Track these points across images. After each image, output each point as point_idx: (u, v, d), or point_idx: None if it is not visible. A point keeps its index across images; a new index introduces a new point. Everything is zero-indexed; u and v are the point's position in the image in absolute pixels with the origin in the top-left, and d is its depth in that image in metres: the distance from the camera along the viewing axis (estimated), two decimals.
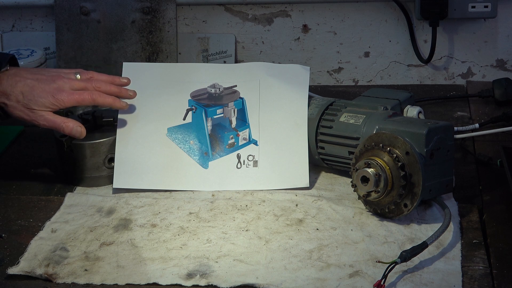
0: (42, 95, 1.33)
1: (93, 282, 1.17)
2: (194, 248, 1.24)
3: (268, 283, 1.14)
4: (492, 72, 1.81)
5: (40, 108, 1.33)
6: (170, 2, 1.83)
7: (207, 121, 1.45)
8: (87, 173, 1.44)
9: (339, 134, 1.38)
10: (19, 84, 1.32)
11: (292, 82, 1.47)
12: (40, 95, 1.33)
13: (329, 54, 1.85)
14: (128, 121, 1.44)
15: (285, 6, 1.82)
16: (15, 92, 1.31)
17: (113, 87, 1.41)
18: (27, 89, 1.32)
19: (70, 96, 1.35)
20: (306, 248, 1.22)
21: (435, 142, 1.26)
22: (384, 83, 1.85)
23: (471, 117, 1.64)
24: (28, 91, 1.32)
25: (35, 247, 1.26)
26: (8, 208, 1.39)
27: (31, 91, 1.33)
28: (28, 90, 1.32)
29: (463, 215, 1.29)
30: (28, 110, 1.33)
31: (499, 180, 1.36)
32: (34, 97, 1.32)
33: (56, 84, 1.35)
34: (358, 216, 1.29)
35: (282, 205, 1.34)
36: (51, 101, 1.33)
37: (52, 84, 1.35)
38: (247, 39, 1.86)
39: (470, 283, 1.13)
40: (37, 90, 1.33)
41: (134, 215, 1.34)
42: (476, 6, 1.73)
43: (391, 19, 1.80)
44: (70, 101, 1.35)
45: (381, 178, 1.24)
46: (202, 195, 1.39)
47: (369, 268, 1.16)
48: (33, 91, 1.33)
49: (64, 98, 1.34)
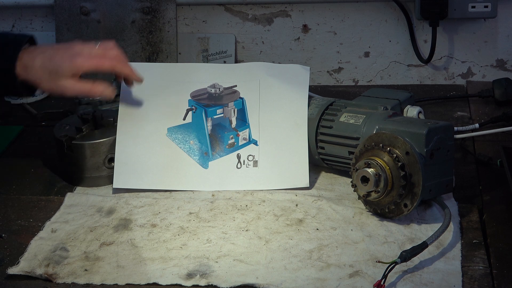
0: (61, 62, 1.31)
1: (93, 282, 1.17)
2: (194, 248, 1.24)
3: (268, 283, 1.14)
4: (492, 72, 1.81)
5: (62, 76, 1.31)
6: (170, 2, 1.83)
7: (207, 121, 1.45)
8: (87, 173, 1.44)
9: (339, 134, 1.38)
10: (39, 57, 1.31)
11: (292, 82, 1.47)
12: (59, 62, 1.31)
13: (329, 54, 1.85)
14: (128, 121, 1.44)
15: (285, 6, 1.82)
16: (36, 65, 1.31)
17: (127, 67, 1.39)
18: (46, 59, 1.31)
19: (89, 60, 1.33)
20: (306, 248, 1.22)
21: (435, 142, 1.26)
22: (384, 83, 1.85)
23: (471, 117, 1.64)
24: (48, 61, 1.31)
25: (35, 247, 1.26)
26: (8, 208, 1.39)
27: (50, 60, 1.31)
28: (47, 60, 1.31)
29: (463, 215, 1.29)
30: (52, 81, 1.31)
31: (499, 180, 1.36)
32: (54, 66, 1.31)
33: (74, 50, 1.34)
34: (358, 216, 1.29)
35: (282, 205, 1.34)
36: (70, 66, 1.31)
37: (70, 50, 1.34)
38: (247, 39, 1.86)
39: (470, 283, 1.13)
40: (55, 58, 1.32)
41: (134, 215, 1.34)
42: (476, 6, 1.73)
43: (391, 19, 1.80)
44: (89, 65, 1.33)
45: (381, 178, 1.24)
46: (202, 195, 1.39)
47: (369, 268, 1.16)
48: (52, 60, 1.32)
49: (83, 62, 1.32)
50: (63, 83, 1.32)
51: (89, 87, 1.34)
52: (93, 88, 1.34)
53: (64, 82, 1.32)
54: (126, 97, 1.46)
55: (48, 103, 1.82)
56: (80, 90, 1.34)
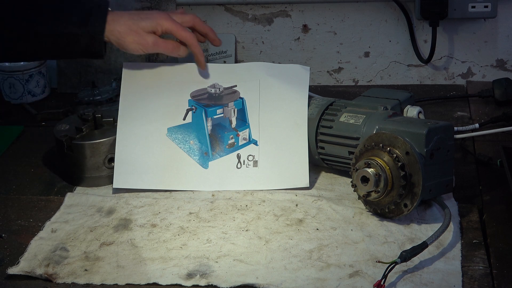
0: (146, 17, 1.39)
1: (93, 282, 1.17)
2: (194, 248, 1.24)
3: (268, 283, 1.14)
4: (492, 72, 1.81)
5: (146, 30, 1.38)
6: (170, 2, 1.83)
7: (207, 121, 1.45)
8: (87, 173, 1.44)
9: (339, 134, 1.38)
10: (125, 14, 1.39)
11: (292, 82, 1.47)
12: (147, 17, 1.39)
13: (329, 54, 1.85)
14: (128, 121, 1.44)
15: (285, 6, 1.82)
16: (124, 18, 1.38)
17: (207, 26, 1.48)
18: (133, 14, 1.39)
19: (172, 18, 1.41)
20: (306, 248, 1.22)
21: (435, 142, 1.26)
22: (384, 83, 1.85)
23: (471, 117, 1.64)
24: (135, 15, 1.39)
25: (35, 247, 1.26)
26: (8, 208, 1.39)
27: (137, 15, 1.39)
28: (134, 15, 1.39)
29: (463, 215, 1.29)
30: (136, 35, 1.38)
31: (499, 180, 1.36)
32: (141, 19, 1.38)
33: (159, 12, 1.43)
34: (358, 216, 1.29)
35: (282, 205, 1.34)
36: (156, 21, 1.39)
37: (155, 12, 1.43)
38: (247, 39, 1.86)
39: (470, 283, 1.13)
40: (142, 15, 1.39)
41: (134, 215, 1.34)
42: (476, 6, 1.73)
43: (391, 19, 1.80)
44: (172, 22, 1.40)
45: (381, 178, 1.24)
46: (202, 195, 1.39)
47: (369, 268, 1.16)
48: (139, 15, 1.39)
49: (167, 18, 1.40)
50: (147, 37, 1.38)
51: (171, 45, 1.41)
52: (175, 46, 1.41)
53: (147, 37, 1.38)
54: (126, 97, 1.45)
55: (48, 103, 1.82)
56: (163, 47, 1.41)
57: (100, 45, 1.37)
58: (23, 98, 1.82)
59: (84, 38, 1.35)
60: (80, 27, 1.35)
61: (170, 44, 1.41)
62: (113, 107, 1.54)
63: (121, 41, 1.38)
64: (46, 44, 1.36)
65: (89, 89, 1.68)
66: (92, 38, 1.35)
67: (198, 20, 1.47)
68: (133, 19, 1.38)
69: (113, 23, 1.36)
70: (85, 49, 1.37)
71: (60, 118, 1.58)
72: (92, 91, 1.67)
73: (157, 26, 1.39)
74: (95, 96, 1.66)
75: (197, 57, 1.45)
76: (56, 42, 1.35)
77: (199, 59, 1.45)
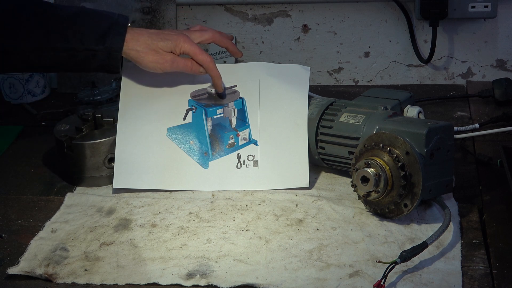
0: (167, 38, 1.39)
1: (93, 282, 1.17)
2: (194, 248, 1.24)
3: (268, 283, 1.14)
4: (492, 72, 1.81)
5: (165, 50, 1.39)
6: (170, 2, 1.83)
7: (207, 121, 1.45)
8: (87, 173, 1.44)
9: (339, 134, 1.38)
10: (145, 32, 1.39)
11: (292, 82, 1.47)
12: (166, 38, 1.39)
13: (329, 54, 1.85)
14: (128, 121, 1.44)
15: (285, 6, 1.82)
16: (143, 38, 1.38)
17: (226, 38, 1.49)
18: (153, 34, 1.39)
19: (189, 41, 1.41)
20: (306, 248, 1.22)
21: (435, 142, 1.26)
22: (384, 83, 1.85)
23: (471, 117, 1.64)
24: (154, 35, 1.39)
25: (35, 247, 1.26)
26: (8, 208, 1.39)
27: (156, 34, 1.39)
28: (154, 34, 1.39)
29: (463, 215, 1.29)
30: (155, 55, 1.38)
31: (499, 180, 1.36)
32: (160, 40, 1.38)
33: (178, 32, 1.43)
34: (358, 216, 1.29)
35: (282, 205, 1.34)
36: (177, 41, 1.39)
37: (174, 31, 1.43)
38: (247, 39, 1.86)
39: (470, 283, 1.13)
40: (161, 34, 1.39)
41: (134, 215, 1.34)
42: (476, 6, 1.73)
43: (391, 19, 1.80)
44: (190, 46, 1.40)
45: (381, 178, 1.24)
46: (202, 195, 1.39)
47: (369, 268, 1.16)
48: (159, 34, 1.39)
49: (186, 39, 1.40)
50: (165, 57, 1.39)
51: (190, 63, 1.41)
52: (194, 65, 1.41)
53: (166, 56, 1.39)
54: (126, 97, 1.45)
55: (48, 103, 1.82)
56: (182, 65, 1.41)
57: (117, 62, 1.37)
58: (23, 98, 1.82)
59: (101, 55, 1.35)
60: (98, 43, 1.35)
61: (189, 62, 1.41)
62: (113, 107, 1.54)
63: (140, 60, 1.38)
64: (62, 58, 1.35)
65: (89, 89, 1.68)
66: (109, 54, 1.36)
67: (218, 36, 1.47)
68: (152, 39, 1.38)
69: (132, 42, 1.36)
70: (101, 64, 1.37)
71: (60, 118, 1.58)
72: (92, 91, 1.67)
73: (175, 48, 1.39)
74: (95, 96, 1.66)
75: (214, 80, 1.44)
76: (73, 57, 1.35)
77: (216, 83, 1.44)
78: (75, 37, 1.34)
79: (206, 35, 1.46)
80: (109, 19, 1.37)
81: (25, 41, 1.33)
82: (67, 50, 1.34)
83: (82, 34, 1.34)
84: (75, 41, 1.34)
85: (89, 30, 1.35)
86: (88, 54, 1.35)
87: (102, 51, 1.35)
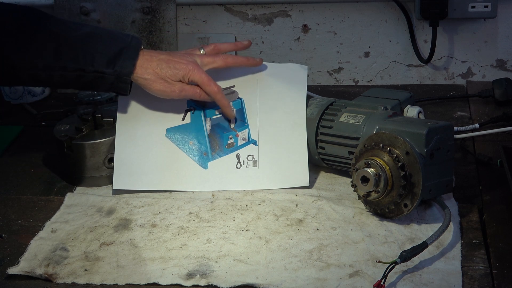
0: (177, 67, 1.37)
1: (93, 282, 1.17)
2: (194, 248, 1.24)
3: (268, 283, 1.14)
4: (492, 72, 1.81)
5: (174, 79, 1.37)
6: (170, 2, 1.83)
7: (206, 121, 1.45)
8: (87, 173, 1.44)
9: (339, 134, 1.38)
10: (155, 59, 1.37)
11: (290, 81, 1.47)
12: (175, 67, 1.37)
13: (329, 54, 1.85)
14: (127, 122, 1.44)
15: (285, 6, 1.82)
16: (152, 65, 1.36)
17: (240, 58, 1.46)
18: (162, 62, 1.37)
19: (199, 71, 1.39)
20: (306, 248, 1.22)
21: (435, 142, 1.26)
22: (384, 83, 1.85)
23: (471, 117, 1.64)
24: (164, 63, 1.37)
25: (35, 247, 1.26)
26: (8, 208, 1.39)
27: (166, 62, 1.37)
28: (163, 62, 1.37)
29: (463, 215, 1.29)
30: (165, 82, 1.37)
31: (499, 180, 1.36)
32: (169, 69, 1.37)
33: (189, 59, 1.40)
34: (358, 216, 1.29)
35: (282, 205, 1.34)
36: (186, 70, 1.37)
37: (185, 58, 1.39)
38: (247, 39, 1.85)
39: (470, 283, 1.13)
40: (171, 63, 1.37)
41: (134, 215, 1.34)
42: (476, 6, 1.73)
43: (391, 19, 1.80)
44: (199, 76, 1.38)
45: (381, 178, 1.24)
46: (202, 195, 1.39)
47: (369, 268, 1.16)
48: (168, 63, 1.37)
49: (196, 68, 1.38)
50: (174, 86, 1.37)
51: (198, 91, 1.39)
52: (202, 93, 1.39)
53: (174, 86, 1.37)
54: (125, 98, 1.45)
55: (48, 103, 1.82)
56: (191, 93, 1.39)
57: (126, 86, 1.36)
58: (23, 98, 1.82)
59: (110, 78, 1.34)
60: (107, 67, 1.34)
61: (198, 90, 1.39)
62: (113, 107, 1.54)
63: (148, 87, 1.37)
64: (71, 78, 1.34)
65: None
66: (119, 78, 1.35)
67: (230, 60, 1.44)
68: (161, 67, 1.36)
69: (141, 69, 1.35)
70: (110, 87, 1.36)
71: (60, 118, 1.58)
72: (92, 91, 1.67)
73: (184, 77, 1.37)
74: (95, 96, 1.66)
75: (224, 109, 1.43)
76: (82, 77, 1.34)
77: (226, 112, 1.43)
78: (85, 58, 1.33)
79: (219, 61, 1.43)
80: (122, 42, 1.35)
81: (35, 58, 1.32)
82: (76, 70, 1.33)
83: (93, 56, 1.33)
84: (85, 62, 1.33)
85: (100, 52, 1.33)
86: (97, 76, 1.34)
87: (111, 75, 1.34)
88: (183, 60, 1.38)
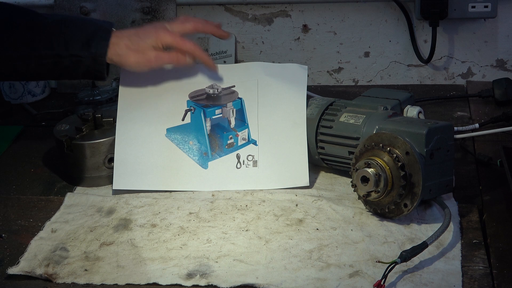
0: (145, 35, 1.38)
1: (93, 282, 1.17)
2: (194, 248, 1.24)
3: (268, 283, 1.14)
4: (492, 72, 1.81)
5: (147, 48, 1.38)
6: (170, 2, 1.83)
7: (206, 121, 1.45)
8: (87, 173, 1.44)
9: (339, 134, 1.38)
10: (125, 35, 1.39)
11: (290, 81, 1.47)
12: (143, 36, 1.38)
13: (329, 54, 1.85)
14: (127, 122, 1.44)
15: (285, 6, 1.82)
16: (124, 41, 1.37)
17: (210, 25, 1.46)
18: (132, 35, 1.39)
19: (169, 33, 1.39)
20: (306, 248, 1.22)
21: (435, 142, 1.26)
22: (384, 83, 1.85)
23: (471, 117, 1.64)
24: (134, 36, 1.39)
25: (35, 247, 1.26)
26: (8, 208, 1.39)
27: (136, 35, 1.39)
28: (133, 35, 1.39)
29: (463, 215, 1.29)
30: (138, 54, 1.38)
31: (499, 180, 1.36)
32: (140, 39, 1.38)
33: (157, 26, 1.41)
34: (358, 216, 1.29)
35: (282, 205, 1.34)
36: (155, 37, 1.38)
37: (153, 26, 1.42)
38: (247, 39, 1.86)
39: (470, 283, 1.13)
40: (140, 33, 1.39)
41: (134, 215, 1.34)
42: (476, 6, 1.73)
43: (391, 19, 1.80)
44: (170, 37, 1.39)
45: (381, 178, 1.24)
46: (202, 195, 1.39)
47: (369, 268, 1.16)
48: (138, 34, 1.39)
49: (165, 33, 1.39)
50: (148, 54, 1.38)
51: (175, 55, 1.40)
52: (179, 56, 1.40)
53: (149, 54, 1.38)
54: (125, 98, 1.45)
55: (48, 103, 1.82)
56: (167, 59, 1.40)
57: (102, 67, 1.37)
58: (23, 98, 1.83)
59: (86, 61, 1.36)
60: (82, 50, 1.35)
61: (174, 55, 1.40)
62: (113, 107, 1.54)
63: (123, 62, 1.38)
64: (48, 65, 1.36)
65: (89, 89, 1.68)
66: (94, 60, 1.36)
67: (200, 24, 1.44)
68: (131, 40, 1.37)
69: (114, 47, 1.36)
70: (87, 71, 1.37)
71: (60, 118, 1.58)
72: (92, 91, 1.67)
73: (157, 42, 1.38)
74: (95, 96, 1.66)
75: (205, 62, 1.44)
76: (58, 64, 1.36)
77: (207, 63, 1.44)
78: (59, 43, 1.35)
79: (188, 24, 1.43)
80: (94, 25, 1.37)
81: (12, 50, 1.34)
82: (52, 56, 1.35)
83: (67, 40, 1.35)
84: (59, 47, 1.35)
85: (73, 36, 1.35)
86: (73, 60, 1.35)
87: (87, 57, 1.35)
88: (152, 27, 1.40)
